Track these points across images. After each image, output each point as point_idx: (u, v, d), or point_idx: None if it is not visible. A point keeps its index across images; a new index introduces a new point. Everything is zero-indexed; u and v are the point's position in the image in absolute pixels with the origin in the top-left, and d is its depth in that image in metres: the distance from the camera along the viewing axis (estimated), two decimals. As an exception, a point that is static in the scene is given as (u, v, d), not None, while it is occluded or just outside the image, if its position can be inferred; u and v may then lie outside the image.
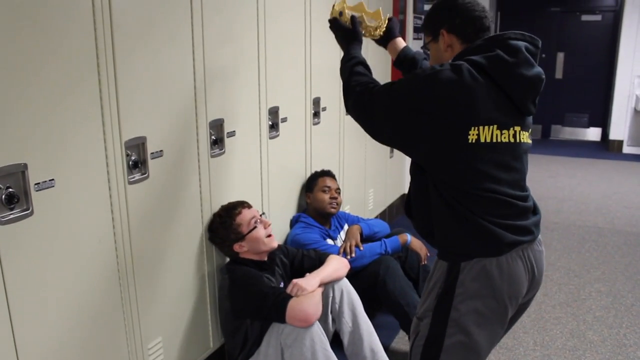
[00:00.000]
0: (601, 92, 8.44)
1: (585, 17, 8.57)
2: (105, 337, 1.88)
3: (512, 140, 1.59)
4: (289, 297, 2.18)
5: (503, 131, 1.57)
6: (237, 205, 2.38)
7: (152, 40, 1.94)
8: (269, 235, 2.40)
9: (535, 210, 1.73)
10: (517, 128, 1.61)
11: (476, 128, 1.53)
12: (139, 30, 1.88)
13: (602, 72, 8.40)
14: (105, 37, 1.73)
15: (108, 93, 1.76)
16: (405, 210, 1.86)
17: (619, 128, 7.78)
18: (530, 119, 1.68)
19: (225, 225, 2.33)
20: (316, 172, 3.12)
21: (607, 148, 7.93)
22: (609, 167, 7.02)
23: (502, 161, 1.59)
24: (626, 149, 7.77)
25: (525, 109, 1.62)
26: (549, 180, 6.28)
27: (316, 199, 2.99)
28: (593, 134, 8.71)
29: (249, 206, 2.41)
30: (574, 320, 3.19)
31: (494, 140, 1.56)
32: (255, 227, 2.35)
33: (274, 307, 2.15)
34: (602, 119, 8.52)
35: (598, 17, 8.49)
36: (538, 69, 1.62)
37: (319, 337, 2.16)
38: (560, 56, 8.69)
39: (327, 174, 3.10)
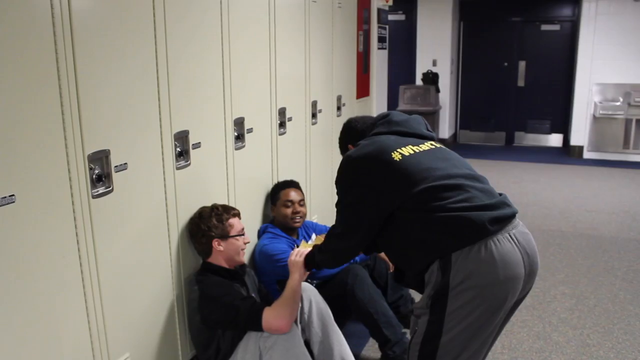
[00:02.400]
0: (562, 99, 8.65)
1: (544, 27, 8.78)
2: (70, 355, 1.85)
3: (429, 147, 1.94)
4: (262, 306, 2.19)
5: (418, 146, 1.92)
6: (234, 209, 2.44)
7: (114, 51, 1.93)
8: (243, 249, 2.44)
9: (496, 194, 1.84)
10: (427, 143, 1.97)
11: (395, 151, 1.87)
12: (101, 41, 1.86)
13: (562, 80, 8.62)
14: (65, 48, 1.70)
15: (70, 105, 1.73)
16: (397, 278, 2.01)
17: (579, 134, 7.98)
18: (433, 135, 2.08)
19: (220, 218, 2.35)
20: (278, 184, 3.08)
21: (569, 153, 8.12)
22: (570, 172, 7.19)
23: (433, 157, 1.89)
24: (586, 154, 7.97)
25: (422, 134, 2.04)
26: (514, 186, 6.40)
27: (279, 214, 2.98)
28: (555, 140, 8.91)
29: (240, 217, 2.46)
30: (540, 322, 3.25)
31: (415, 151, 1.89)
32: (239, 236, 2.40)
33: (249, 319, 2.16)
34: (563, 126, 8.72)
35: (557, 27, 8.72)
36: (416, 117, 2.13)
37: (299, 340, 2.19)
38: (522, 65, 8.88)
39: (290, 184, 3.05)
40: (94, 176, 1.87)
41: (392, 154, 1.85)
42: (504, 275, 1.68)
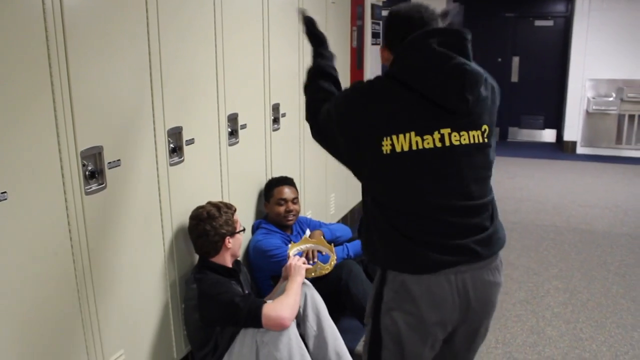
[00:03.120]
0: (555, 94, 8.67)
1: (538, 23, 8.80)
2: (64, 352, 1.84)
3: (438, 144, 1.48)
4: (262, 303, 2.20)
5: (424, 137, 1.47)
6: (231, 205, 2.45)
7: (107, 47, 1.92)
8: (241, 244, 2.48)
9: (484, 226, 1.57)
10: (446, 130, 1.48)
11: (389, 138, 1.47)
12: (94, 37, 1.85)
13: (556, 75, 8.63)
14: (57, 45, 1.69)
15: (62, 101, 1.73)
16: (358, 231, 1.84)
17: (573, 129, 8.01)
18: (472, 117, 1.52)
19: (227, 216, 2.36)
20: (272, 180, 3.06)
21: (562, 149, 8.15)
22: (564, 167, 7.22)
23: (429, 169, 1.50)
24: (580, 150, 8.00)
25: (450, 104, 1.48)
26: (508, 181, 6.42)
27: (272, 211, 2.97)
28: (548, 135, 8.93)
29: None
30: (534, 317, 3.26)
31: (414, 147, 1.47)
32: (242, 230, 2.43)
33: (249, 316, 2.16)
34: (557, 121, 8.75)
35: (550, 23, 8.74)
36: (458, 60, 1.47)
37: (296, 336, 2.19)
38: (516, 60, 8.90)
39: (284, 182, 3.03)
40: (87, 173, 1.86)
41: (383, 142, 1.48)
42: (427, 314, 1.55)
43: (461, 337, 1.67)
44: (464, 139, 1.51)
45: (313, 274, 2.54)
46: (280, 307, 2.20)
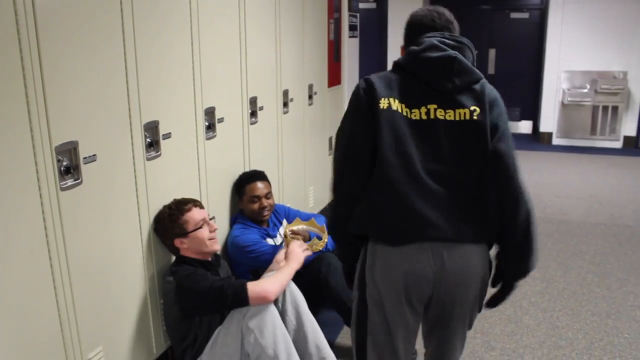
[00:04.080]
0: (531, 86, 8.77)
1: (514, 15, 8.88)
2: (41, 350, 1.82)
3: (424, 117, 1.71)
4: (245, 281, 2.21)
5: (413, 110, 1.71)
6: (189, 201, 2.39)
7: (81, 41, 1.89)
8: (212, 239, 2.40)
9: (465, 210, 1.69)
10: (432, 106, 1.72)
11: (386, 99, 1.71)
12: (67, 32, 1.82)
13: (532, 67, 8.73)
14: (30, 39, 1.66)
15: (35, 95, 1.70)
16: None
17: (549, 121, 8.12)
18: (459, 98, 1.73)
19: (172, 218, 2.32)
20: (243, 177, 2.99)
21: (538, 140, 8.25)
22: (540, 158, 7.31)
23: (414, 134, 1.70)
24: (555, 141, 8.11)
25: (440, 86, 1.73)
26: (485, 173, 6.46)
27: (247, 208, 2.94)
28: (525, 126, 9.03)
29: (201, 207, 2.42)
30: (511, 306, 3.31)
31: (404, 114, 1.71)
32: (200, 228, 2.35)
33: (235, 296, 2.17)
34: (533, 112, 8.85)
35: (526, 15, 8.82)
36: (448, 52, 1.73)
37: (280, 322, 2.21)
38: (492, 52, 8.97)
39: (256, 177, 2.97)
40: (62, 168, 1.83)
41: (381, 100, 1.71)
42: (404, 283, 1.69)
43: (434, 308, 1.77)
44: (444, 115, 1.72)
45: (309, 250, 2.65)
46: (265, 282, 2.24)
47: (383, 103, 1.71)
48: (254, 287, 2.19)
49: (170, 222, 2.32)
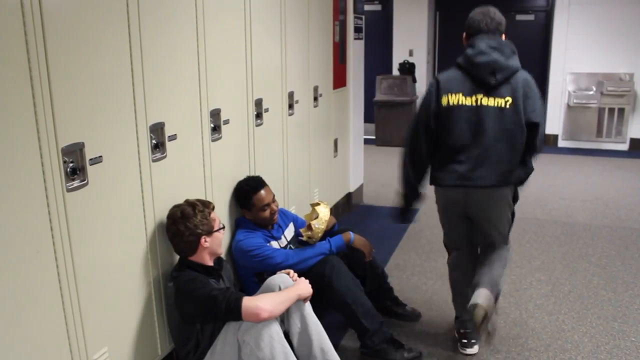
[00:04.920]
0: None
1: (519, 17, 8.85)
2: (47, 350, 1.83)
3: (474, 104, 2.56)
4: (241, 295, 2.18)
5: (467, 97, 2.57)
6: (210, 202, 2.41)
7: (88, 42, 1.89)
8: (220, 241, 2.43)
9: (482, 162, 2.59)
10: (480, 95, 2.55)
11: (446, 96, 2.59)
12: (73, 33, 1.83)
13: (537, 69, 8.67)
14: (37, 41, 1.67)
15: (42, 97, 1.70)
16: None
17: (554, 123, 8.09)
18: (501, 89, 2.54)
19: (204, 215, 2.32)
20: (246, 188, 2.92)
21: (544, 142, 8.20)
22: (545, 160, 7.26)
23: (466, 117, 2.57)
24: (561, 143, 8.09)
25: (486, 81, 2.53)
26: (490, 175, 6.44)
27: (257, 217, 2.89)
28: (530, 129, 8.98)
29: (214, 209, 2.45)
30: (517, 309, 3.30)
31: (459, 102, 2.56)
32: (222, 228, 2.41)
33: (228, 309, 2.14)
34: (538, 115, 8.80)
35: (531, 17, 8.79)
36: (491, 57, 2.54)
37: (278, 333, 2.17)
38: (498, 54, 8.93)
39: (259, 186, 2.92)
40: (68, 169, 1.84)
41: (442, 98, 2.59)
42: (450, 205, 2.81)
43: (479, 222, 2.80)
44: (487, 102, 2.55)
45: (313, 239, 2.91)
46: (260, 298, 2.19)
47: (444, 100, 2.58)
48: (248, 303, 2.14)
49: (203, 217, 2.32)
